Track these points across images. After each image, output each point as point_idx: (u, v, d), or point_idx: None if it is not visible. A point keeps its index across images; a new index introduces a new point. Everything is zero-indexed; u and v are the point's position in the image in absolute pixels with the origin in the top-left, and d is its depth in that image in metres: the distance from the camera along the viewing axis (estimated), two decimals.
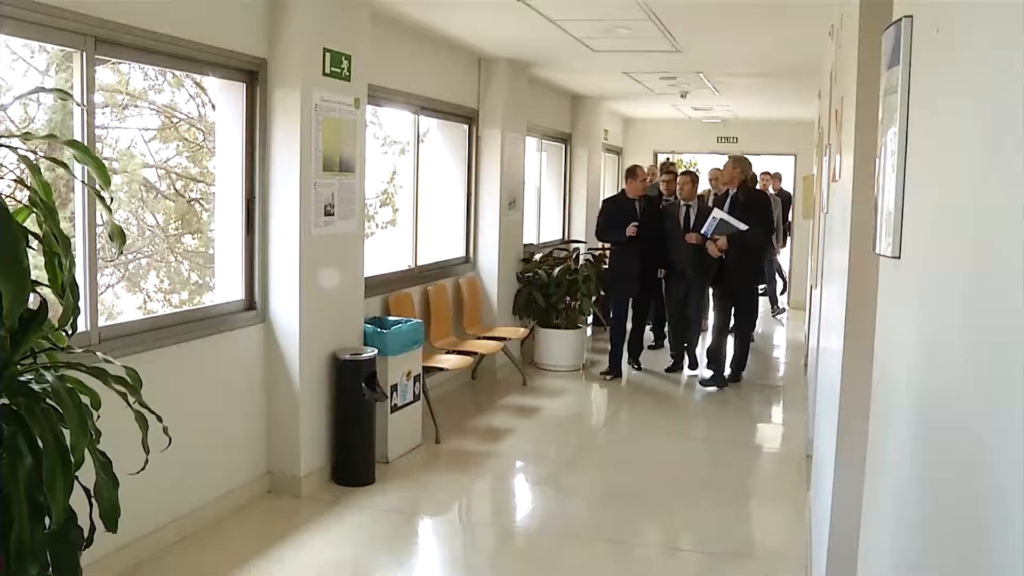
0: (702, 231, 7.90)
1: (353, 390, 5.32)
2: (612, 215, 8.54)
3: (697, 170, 11.16)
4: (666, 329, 9.20)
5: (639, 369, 8.73)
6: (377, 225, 10.33)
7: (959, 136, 1.25)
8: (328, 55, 5.16)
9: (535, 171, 10.69)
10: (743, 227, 7.74)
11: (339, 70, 5.26)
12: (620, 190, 8.78)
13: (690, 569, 4.37)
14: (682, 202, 8.46)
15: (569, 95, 11.26)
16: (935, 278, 1.36)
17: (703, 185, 9.89)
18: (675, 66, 8.42)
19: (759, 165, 11.67)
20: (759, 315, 9.75)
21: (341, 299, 5.48)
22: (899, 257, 1.67)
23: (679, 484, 5.54)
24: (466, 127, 8.16)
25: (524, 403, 7.48)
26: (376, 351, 5.52)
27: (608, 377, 8.40)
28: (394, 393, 5.78)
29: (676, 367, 8.68)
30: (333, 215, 5.32)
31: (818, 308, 6.14)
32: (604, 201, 9.22)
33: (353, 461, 5.36)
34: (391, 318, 6.20)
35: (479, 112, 8.22)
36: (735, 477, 5.81)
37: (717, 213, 7.86)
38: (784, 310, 12.64)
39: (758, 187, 10.94)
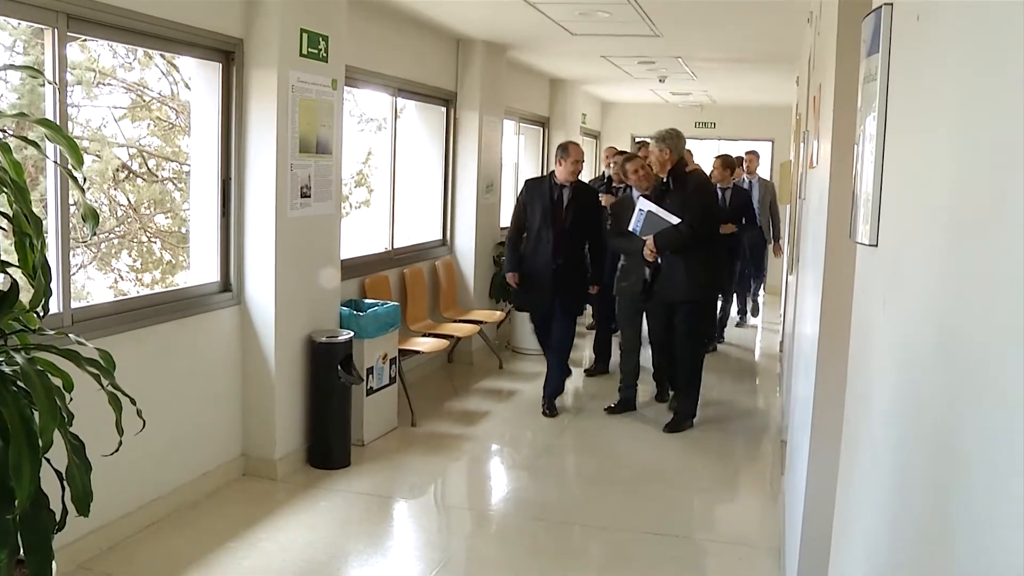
0: (630, 228, 6.24)
1: (329, 373, 5.30)
2: (522, 206, 6.75)
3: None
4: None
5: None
6: (351, 205, 10.27)
7: (939, 124, 1.25)
8: (305, 36, 5.10)
9: (513, 155, 10.66)
10: (673, 219, 6.04)
11: (316, 51, 5.21)
12: (549, 172, 6.86)
13: (664, 552, 4.40)
14: (635, 192, 6.56)
15: (547, 78, 11.23)
16: (912, 266, 1.37)
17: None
18: (654, 51, 8.42)
19: (738, 150, 10.67)
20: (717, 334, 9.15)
21: (317, 281, 5.45)
22: (876, 245, 1.68)
23: (654, 469, 5.57)
24: (444, 109, 8.12)
25: (500, 386, 7.49)
26: (352, 334, 5.50)
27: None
28: (370, 376, 5.76)
29: (621, 408, 6.80)
30: (310, 197, 5.28)
31: (794, 294, 6.18)
32: (526, 182, 7.05)
33: (328, 444, 5.35)
34: (367, 301, 6.18)
35: (457, 94, 8.19)
36: (710, 462, 5.84)
37: (643, 204, 6.20)
38: (747, 318, 10.89)
39: (745, 173, 9.83)
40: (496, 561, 4.37)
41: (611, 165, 8.39)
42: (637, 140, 12.41)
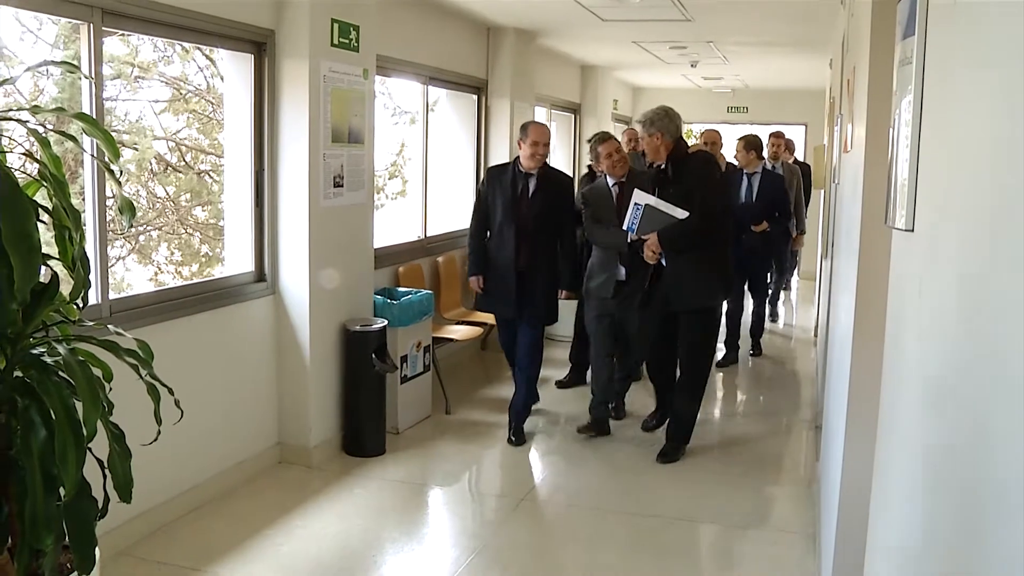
0: (624, 226, 5.29)
1: (363, 361, 5.34)
2: (483, 198, 5.81)
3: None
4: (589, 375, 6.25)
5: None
6: (387, 196, 10.32)
7: (976, 108, 1.23)
8: (336, 26, 5.12)
9: None
10: (680, 213, 5.09)
11: (347, 41, 5.23)
12: (515, 157, 5.77)
13: (700, 539, 4.39)
14: (610, 180, 5.76)
15: (578, 65, 11.19)
16: (949, 251, 1.36)
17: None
18: (685, 35, 8.35)
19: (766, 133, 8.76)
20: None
21: (351, 270, 5.48)
22: (912, 230, 1.66)
23: (688, 455, 5.55)
24: (475, 97, 8.12)
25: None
26: (386, 322, 5.53)
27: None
28: (404, 364, 5.79)
29: (595, 428, 5.89)
30: (342, 186, 5.31)
31: (828, 280, 6.13)
32: (488, 169, 6.20)
33: (363, 432, 5.39)
34: (401, 289, 6.21)
35: (488, 82, 8.18)
36: (745, 448, 5.82)
37: (640, 197, 5.20)
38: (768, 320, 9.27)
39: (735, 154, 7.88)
40: (530, 547, 4.39)
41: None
42: (629, 125, 10.78)
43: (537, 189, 5.58)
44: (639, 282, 5.48)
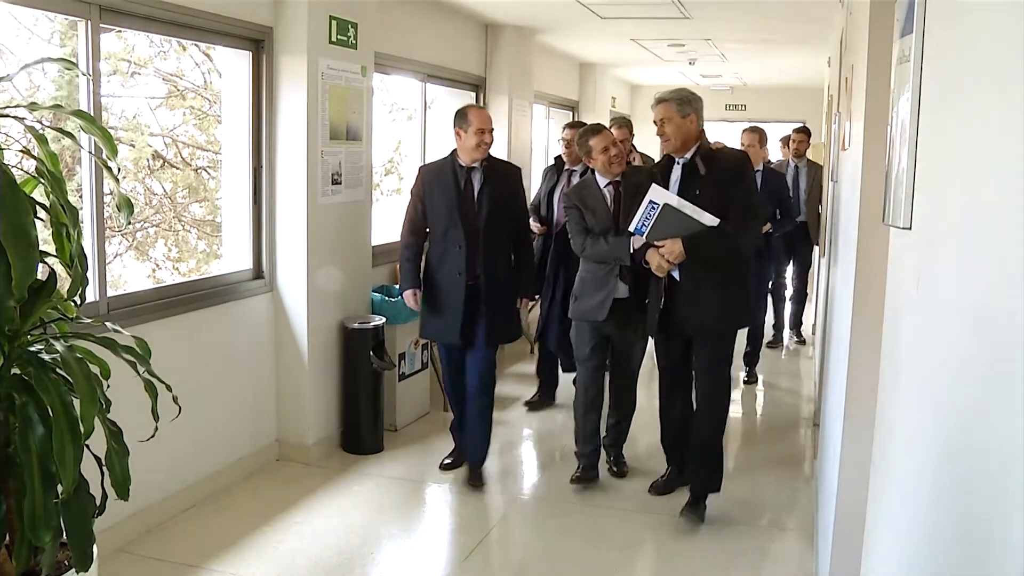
0: (632, 228, 4.29)
1: (361, 359, 5.34)
2: (417, 201, 4.93)
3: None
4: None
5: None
6: (383, 193, 10.31)
7: (974, 106, 1.23)
8: (334, 23, 5.12)
9: (542, 139, 10.63)
10: (710, 220, 4.14)
11: (345, 38, 5.23)
12: (452, 150, 4.88)
13: (698, 536, 4.39)
14: (600, 179, 4.76)
15: (577, 62, 11.18)
16: (946, 249, 1.36)
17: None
18: (683, 33, 8.35)
19: (772, 132, 7.89)
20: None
21: (349, 268, 5.48)
22: (910, 228, 1.66)
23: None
24: (473, 94, 8.12)
25: (532, 371, 7.46)
26: (384, 320, 5.53)
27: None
28: (402, 361, 5.80)
29: (585, 478, 4.94)
30: (340, 183, 5.31)
31: (826, 277, 6.14)
32: (420, 169, 5.12)
33: (361, 429, 5.39)
34: (399, 286, 6.20)
35: (486, 79, 8.17)
36: (744, 445, 5.82)
37: (658, 195, 4.22)
38: (782, 336, 8.70)
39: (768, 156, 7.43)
40: (528, 544, 4.39)
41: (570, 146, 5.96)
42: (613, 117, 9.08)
43: (484, 185, 4.77)
44: (642, 300, 4.58)
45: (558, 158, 6.34)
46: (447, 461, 5.24)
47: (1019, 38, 1.00)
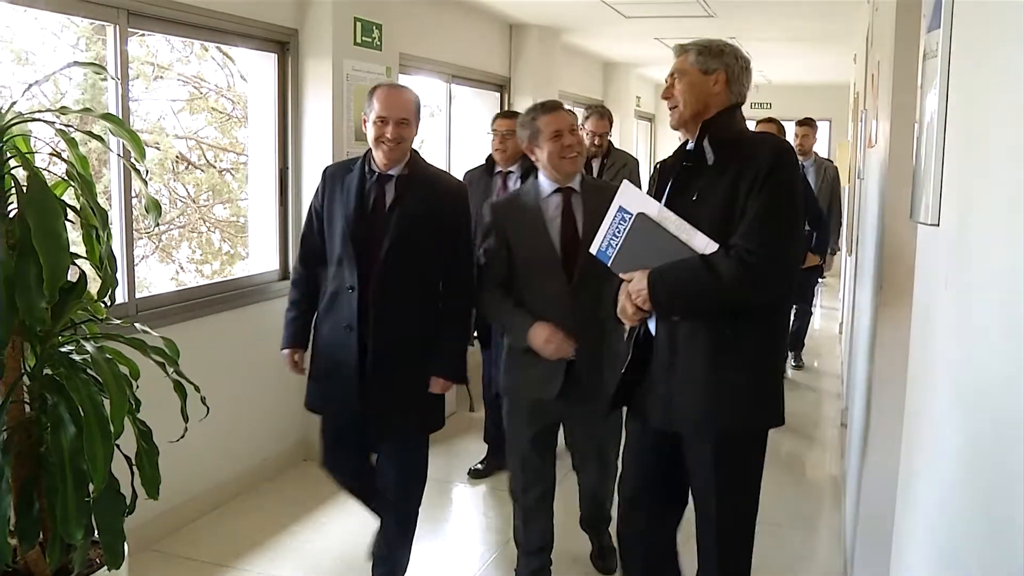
0: (593, 248, 2.67)
1: None
2: (314, 216, 3.34)
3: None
4: None
5: None
6: None
7: (1003, 101, 1.22)
8: (359, 24, 5.14)
9: None
10: (701, 242, 2.45)
11: (370, 39, 5.25)
12: (366, 151, 3.35)
13: None
14: (545, 185, 3.25)
15: (601, 62, 11.17)
16: (976, 245, 1.35)
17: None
18: (708, 31, 8.29)
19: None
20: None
21: None
22: (938, 224, 1.65)
23: None
24: (497, 95, 8.12)
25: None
26: None
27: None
28: None
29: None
30: None
31: (853, 276, 6.09)
32: (325, 170, 3.43)
33: None
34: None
35: (510, 80, 8.18)
36: (770, 444, 5.77)
37: (630, 198, 2.60)
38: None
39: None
40: (556, 541, 4.38)
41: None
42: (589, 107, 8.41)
43: (396, 202, 3.18)
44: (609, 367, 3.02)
45: (489, 158, 4.99)
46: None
47: None
